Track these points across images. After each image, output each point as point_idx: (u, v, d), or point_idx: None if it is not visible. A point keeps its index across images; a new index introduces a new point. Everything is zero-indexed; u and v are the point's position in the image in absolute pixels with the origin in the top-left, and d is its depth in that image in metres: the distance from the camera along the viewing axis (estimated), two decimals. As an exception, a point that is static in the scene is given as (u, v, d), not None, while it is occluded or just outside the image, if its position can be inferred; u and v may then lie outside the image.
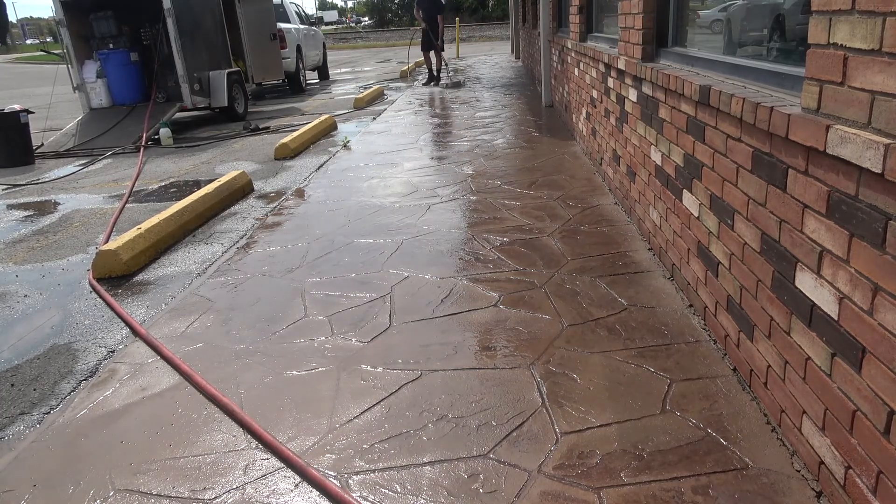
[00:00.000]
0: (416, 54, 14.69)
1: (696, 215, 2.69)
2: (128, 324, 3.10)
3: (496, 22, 39.56)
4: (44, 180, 6.64)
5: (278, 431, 2.17)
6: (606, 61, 4.51)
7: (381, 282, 3.32)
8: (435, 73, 12.87)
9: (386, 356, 2.60)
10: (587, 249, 3.57)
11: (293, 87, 14.05)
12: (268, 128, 9.16)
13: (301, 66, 14.23)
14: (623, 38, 3.95)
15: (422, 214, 4.42)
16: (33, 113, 8.00)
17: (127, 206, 5.35)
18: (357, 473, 1.95)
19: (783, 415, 1.94)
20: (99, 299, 3.46)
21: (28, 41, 69.56)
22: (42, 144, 8.41)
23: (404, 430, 2.12)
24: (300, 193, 5.31)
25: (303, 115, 10.46)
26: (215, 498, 1.89)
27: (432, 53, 12.76)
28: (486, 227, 4.03)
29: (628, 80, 3.90)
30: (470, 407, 2.22)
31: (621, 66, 3.97)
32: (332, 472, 1.96)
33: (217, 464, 2.04)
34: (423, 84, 12.88)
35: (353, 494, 1.86)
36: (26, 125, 7.55)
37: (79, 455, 2.14)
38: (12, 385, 2.68)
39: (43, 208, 5.54)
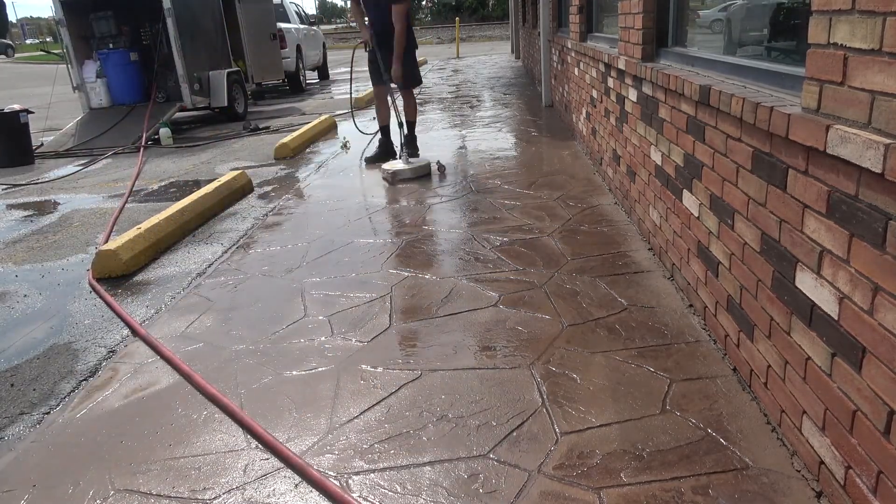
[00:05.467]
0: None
1: (696, 215, 2.69)
2: (127, 324, 3.10)
3: (496, 22, 39.58)
4: (43, 180, 6.64)
5: (278, 431, 2.17)
6: (606, 61, 4.50)
7: (381, 282, 3.32)
8: (398, 138, 5.97)
9: (386, 356, 2.59)
10: (587, 249, 3.57)
11: (293, 87, 14.05)
12: (267, 128, 9.15)
13: (301, 66, 14.23)
14: (623, 37, 3.95)
15: (422, 214, 4.42)
16: (33, 113, 8.00)
17: (127, 205, 5.35)
18: (357, 473, 1.94)
19: (783, 415, 1.94)
20: (99, 299, 3.45)
21: (28, 41, 69.54)
22: (42, 144, 8.41)
23: (404, 431, 2.12)
24: (300, 193, 5.31)
25: (303, 114, 10.46)
26: (215, 498, 1.89)
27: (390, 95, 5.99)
28: (486, 227, 4.03)
29: (628, 80, 3.90)
30: (470, 407, 2.22)
31: (621, 65, 3.97)
32: (331, 473, 1.96)
33: (217, 464, 2.04)
34: (368, 159, 6.23)
35: (353, 494, 1.86)
36: (26, 125, 7.55)
37: (79, 455, 2.14)
38: (12, 385, 2.68)
39: (43, 208, 5.54)
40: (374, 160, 6.15)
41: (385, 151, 6.20)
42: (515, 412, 2.17)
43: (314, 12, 37.93)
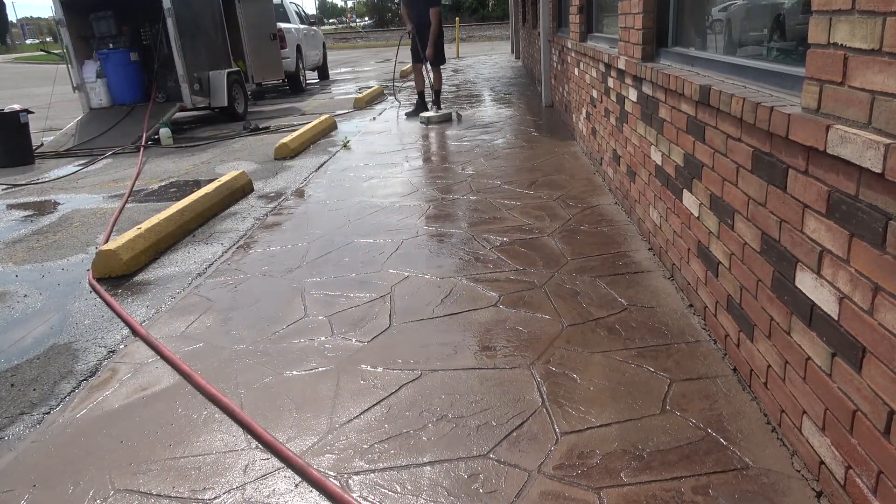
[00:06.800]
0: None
1: (697, 215, 2.69)
2: (127, 324, 3.10)
3: (496, 22, 39.57)
4: (44, 180, 6.64)
5: (278, 431, 2.17)
6: (606, 61, 4.50)
7: (381, 282, 3.32)
8: (427, 99, 9.12)
9: (386, 356, 2.59)
10: (587, 249, 3.57)
11: (293, 87, 14.05)
12: (268, 128, 9.15)
13: (301, 65, 14.23)
14: (623, 37, 3.95)
15: (422, 214, 4.42)
16: (33, 113, 8.00)
17: (127, 205, 5.35)
18: (357, 473, 1.94)
19: (783, 415, 1.94)
20: (99, 299, 3.45)
21: (28, 41, 69.52)
22: (42, 144, 8.41)
23: (404, 431, 2.12)
24: (300, 193, 5.31)
25: (303, 114, 10.46)
26: (215, 498, 1.89)
27: (425, 69, 8.91)
28: (487, 227, 4.03)
29: (628, 80, 3.90)
30: (470, 407, 2.22)
31: (621, 65, 3.97)
32: (332, 473, 1.96)
33: (217, 464, 2.04)
34: (408, 114, 9.09)
35: (353, 494, 1.86)
36: (26, 125, 7.55)
37: (79, 455, 2.14)
38: (12, 385, 2.68)
39: (43, 208, 5.54)
40: (413, 114, 9.01)
41: (420, 108, 9.05)
42: (515, 412, 2.17)
43: (314, 12, 37.94)
